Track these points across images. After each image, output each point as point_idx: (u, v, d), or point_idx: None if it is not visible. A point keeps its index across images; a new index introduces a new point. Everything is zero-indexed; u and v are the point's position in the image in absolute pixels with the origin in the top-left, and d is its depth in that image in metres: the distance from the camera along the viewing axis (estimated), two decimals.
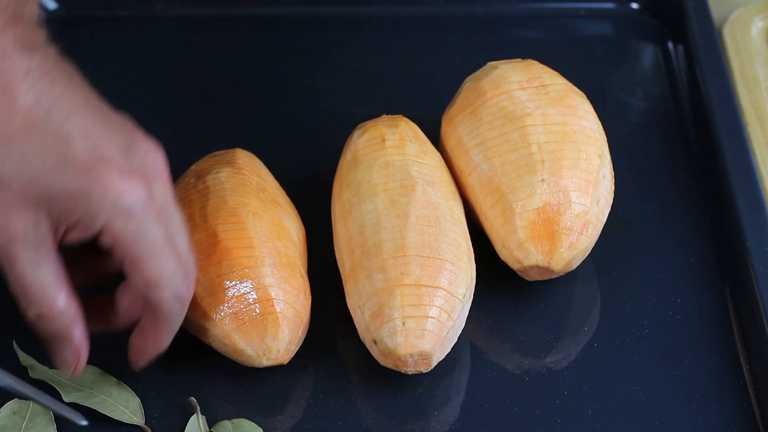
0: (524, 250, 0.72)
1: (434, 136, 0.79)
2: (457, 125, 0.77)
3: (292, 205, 0.75)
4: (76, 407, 0.68)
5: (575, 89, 0.77)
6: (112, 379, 0.70)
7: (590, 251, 0.74)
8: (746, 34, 0.92)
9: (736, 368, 0.72)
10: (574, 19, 0.95)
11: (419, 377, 0.72)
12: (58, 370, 0.69)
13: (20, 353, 0.71)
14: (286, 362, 0.69)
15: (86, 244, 0.62)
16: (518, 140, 0.74)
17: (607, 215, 0.75)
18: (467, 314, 0.71)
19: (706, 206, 0.81)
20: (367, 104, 0.88)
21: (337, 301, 0.75)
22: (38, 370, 0.70)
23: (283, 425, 0.70)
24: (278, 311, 0.68)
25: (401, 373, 0.69)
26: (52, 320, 0.61)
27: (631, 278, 0.77)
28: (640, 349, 0.73)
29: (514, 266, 0.74)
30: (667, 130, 0.87)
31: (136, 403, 0.69)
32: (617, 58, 0.93)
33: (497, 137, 0.74)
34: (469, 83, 0.78)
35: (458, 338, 0.71)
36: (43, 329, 0.62)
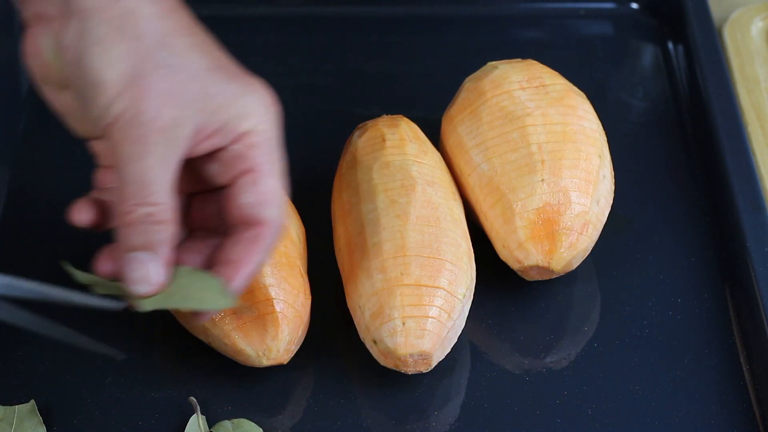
0: (524, 250, 0.72)
1: (434, 136, 0.79)
2: (457, 125, 0.77)
3: (291, 204, 0.75)
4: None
5: (575, 89, 0.77)
6: (182, 268, 0.63)
7: (590, 251, 0.74)
8: (746, 34, 0.92)
9: (736, 368, 0.72)
10: (574, 19, 0.95)
11: (419, 377, 0.72)
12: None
13: (77, 272, 0.64)
14: (286, 362, 0.69)
15: None
16: (518, 140, 0.74)
17: (607, 215, 0.75)
18: (467, 314, 0.71)
19: (706, 206, 0.81)
20: (367, 104, 0.88)
21: (337, 301, 0.75)
22: (103, 284, 0.64)
23: (283, 425, 0.70)
24: (278, 311, 0.68)
25: (401, 373, 0.69)
26: (158, 223, 0.59)
27: (631, 278, 0.77)
28: (640, 349, 0.73)
29: (514, 266, 0.74)
30: (667, 130, 0.87)
31: (216, 284, 0.62)
32: (617, 58, 0.93)
33: (497, 137, 0.74)
34: (469, 83, 0.78)
35: (458, 338, 0.71)
36: (141, 234, 0.59)
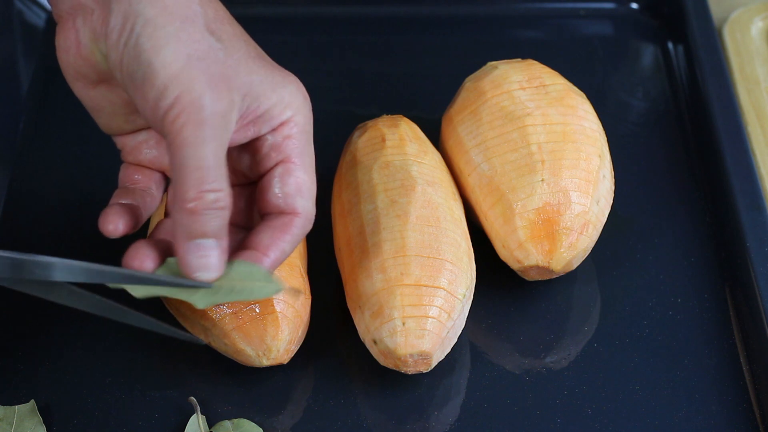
0: (524, 250, 0.72)
1: (434, 136, 0.79)
2: (457, 125, 0.77)
3: None
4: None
5: (575, 89, 0.77)
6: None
7: (590, 251, 0.74)
8: (746, 34, 0.92)
9: (736, 368, 0.73)
10: (574, 19, 0.95)
11: (419, 377, 0.72)
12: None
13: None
14: (286, 362, 0.69)
15: None
16: (518, 140, 0.74)
17: (607, 215, 0.75)
18: (467, 314, 0.71)
19: (706, 206, 0.81)
20: (367, 104, 0.88)
21: (337, 301, 0.75)
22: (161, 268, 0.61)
23: (283, 425, 0.70)
24: (278, 311, 0.68)
25: (401, 373, 0.69)
26: (222, 209, 0.59)
27: (631, 278, 0.77)
28: (640, 349, 0.73)
29: (514, 266, 0.74)
30: (667, 130, 0.87)
31: (258, 271, 0.62)
32: (617, 58, 0.93)
33: (497, 137, 0.74)
34: (469, 83, 0.78)
35: (458, 338, 0.71)
36: (207, 221, 0.59)
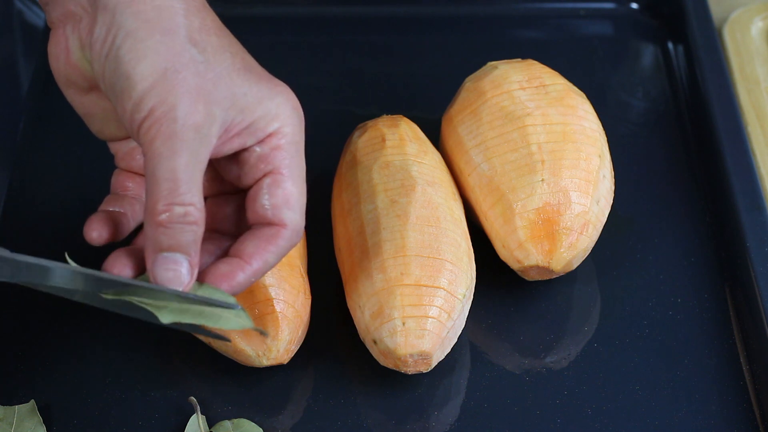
0: (524, 250, 0.72)
1: (434, 136, 0.79)
2: (457, 125, 0.77)
3: None
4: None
5: (575, 89, 0.77)
6: (202, 285, 0.62)
7: (590, 251, 0.74)
8: (746, 34, 0.92)
9: (736, 368, 0.72)
10: (574, 19, 0.95)
11: (419, 377, 0.72)
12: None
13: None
14: (286, 362, 0.69)
15: None
16: (518, 140, 0.74)
17: (607, 215, 0.75)
18: (467, 314, 0.71)
19: (706, 206, 0.81)
20: (367, 104, 0.88)
21: (337, 301, 0.75)
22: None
23: (283, 425, 0.70)
24: (278, 311, 0.68)
25: (401, 373, 0.69)
26: (191, 223, 0.59)
27: (631, 278, 0.77)
28: (640, 349, 0.73)
29: (514, 266, 0.74)
30: (667, 130, 0.87)
31: (232, 299, 0.61)
32: (617, 58, 0.93)
33: (497, 137, 0.74)
34: (469, 83, 0.78)
35: (458, 338, 0.71)
36: (174, 234, 0.59)
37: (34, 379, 0.72)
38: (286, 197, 0.62)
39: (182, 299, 0.60)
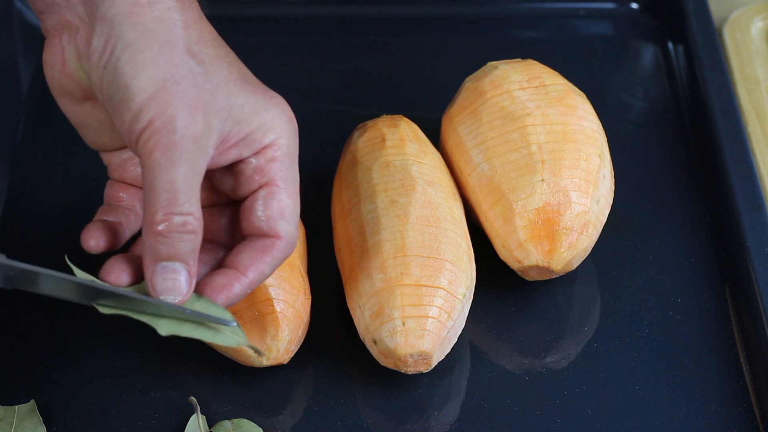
0: (524, 250, 0.72)
1: (434, 136, 0.79)
2: (457, 125, 0.77)
3: None
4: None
5: (575, 89, 0.77)
6: (201, 297, 0.62)
7: (590, 251, 0.74)
8: (746, 34, 0.92)
9: (736, 368, 0.72)
10: (574, 19, 0.95)
11: (419, 377, 0.72)
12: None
13: (81, 273, 0.61)
14: (286, 362, 0.69)
15: None
16: (518, 140, 0.74)
17: (607, 215, 0.75)
18: (467, 314, 0.71)
19: (706, 206, 0.81)
20: (367, 104, 0.88)
21: (337, 301, 0.75)
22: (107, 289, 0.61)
23: (283, 425, 0.70)
24: (278, 311, 0.68)
25: (401, 373, 0.69)
26: (189, 233, 0.59)
27: (631, 278, 0.77)
28: (640, 349, 0.73)
29: (514, 266, 0.74)
30: (667, 130, 0.87)
31: (228, 314, 0.62)
32: (617, 58, 0.93)
33: (497, 137, 0.74)
34: (469, 83, 0.78)
35: (458, 338, 0.71)
36: (173, 243, 0.59)
37: (34, 379, 0.72)
38: (281, 209, 0.62)
39: (179, 313, 0.60)
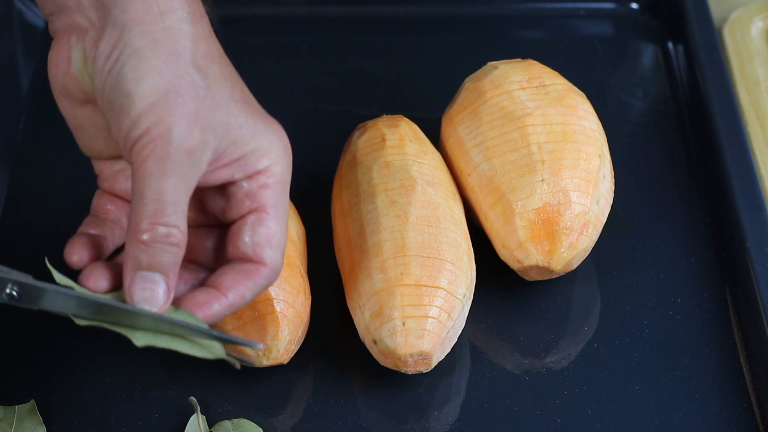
0: (524, 250, 0.72)
1: (434, 136, 0.79)
2: (457, 125, 0.77)
3: (291, 204, 0.75)
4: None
5: (575, 89, 0.77)
6: (179, 310, 0.62)
7: (590, 251, 0.74)
8: (746, 34, 0.92)
9: (736, 368, 0.72)
10: (574, 19, 0.95)
11: (419, 377, 0.72)
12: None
13: (60, 276, 0.61)
14: (285, 362, 0.69)
15: None
16: (518, 140, 0.74)
17: (607, 215, 0.75)
18: (467, 314, 0.71)
19: (706, 206, 0.81)
20: (367, 104, 0.88)
21: (337, 301, 0.75)
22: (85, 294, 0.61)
23: (283, 425, 0.70)
24: (278, 311, 0.68)
25: (401, 373, 0.69)
26: (173, 245, 0.59)
27: (631, 278, 0.77)
28: (640, 349, 0.73)
29: (514, 266, 0.74)
30: (667, 130, 0.87)
31: (205, 326, 0.61)
32: (617, 58, 0.93)
33: (497, 137, 0.74)
34: (469, 83, 0.78)
35: (458, 338, 0.71)
36: (155, 254, 0.59)
37: (34, 379, 0.72)
38: (269, 237, 0.62)
39: (157, 321, 0.60)
